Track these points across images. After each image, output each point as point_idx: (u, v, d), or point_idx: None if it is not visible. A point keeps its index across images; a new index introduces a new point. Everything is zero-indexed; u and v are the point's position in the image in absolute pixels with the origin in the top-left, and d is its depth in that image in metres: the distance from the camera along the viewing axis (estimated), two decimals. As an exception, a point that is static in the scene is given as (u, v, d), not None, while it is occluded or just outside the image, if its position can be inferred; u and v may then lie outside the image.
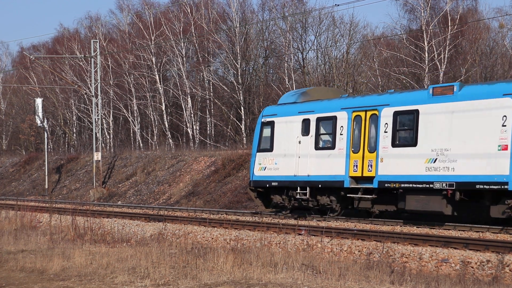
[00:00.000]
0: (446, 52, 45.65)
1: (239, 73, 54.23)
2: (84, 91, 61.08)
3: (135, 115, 62.11)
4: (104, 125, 62.97)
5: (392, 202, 24.15)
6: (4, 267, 15.53)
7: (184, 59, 58.29)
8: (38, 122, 53.86)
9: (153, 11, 61.73)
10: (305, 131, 26.30)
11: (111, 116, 63.83)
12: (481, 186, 20.91)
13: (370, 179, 24.12)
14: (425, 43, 46.01)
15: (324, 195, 26.03)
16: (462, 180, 21.41)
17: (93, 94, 53.01)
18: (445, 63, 45.87)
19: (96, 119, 50.42)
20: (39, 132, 68.11)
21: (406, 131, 23.38)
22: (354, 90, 49.22)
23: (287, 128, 27.03)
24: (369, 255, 17.69)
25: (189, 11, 58.71)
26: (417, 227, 22.62)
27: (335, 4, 65.74)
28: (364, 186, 24.42)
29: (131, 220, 27.85)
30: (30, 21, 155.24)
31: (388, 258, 16.97)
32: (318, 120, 25.92)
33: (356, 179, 24.69)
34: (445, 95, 22.28)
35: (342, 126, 25.10)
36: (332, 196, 25.79)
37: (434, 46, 46.04)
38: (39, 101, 54.00)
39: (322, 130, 25.93)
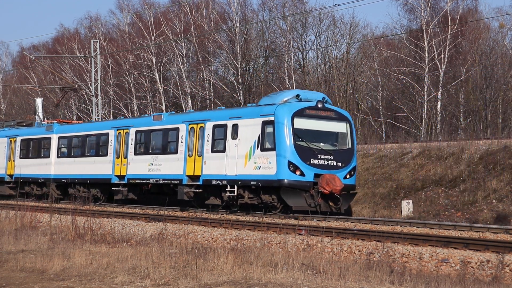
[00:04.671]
0: (446, 52, 45.66)
1: (239, 73, 54.22)
2: (84, 91, 61.06)
3: (135, 115, 62.05)
4: (104, 125, 62.93)
5: None
6: (4, 267, 15.52)
7: (184, 59, 58.28)
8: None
9: (153, 11, 61.75)
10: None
11: (111, 116, 63.80)
12: None
13: None
14: (425, 43, 46.00)
15: None
16: None
17: (93, 94, 53.02)
18: (445, 63, 45.87)
19: (96, 119, 50.38)
20: (39, 132, 68.00)
21: None
22: (354, 90, 49.22)
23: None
24: (369, 255, 17.67)
25: (189, 11, 58.70)
26: (417, 227, 22.60)
27: (335, 4, 65.71)
28: None
29: (131, 220, 27.82)
30: (30, 21, 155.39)
31: (388, 258, 16.95)
32: None
33: None
34: None
35: None
36: None
37: (434, 46, 46.04)
38: (39, 101, 54.04)
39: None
